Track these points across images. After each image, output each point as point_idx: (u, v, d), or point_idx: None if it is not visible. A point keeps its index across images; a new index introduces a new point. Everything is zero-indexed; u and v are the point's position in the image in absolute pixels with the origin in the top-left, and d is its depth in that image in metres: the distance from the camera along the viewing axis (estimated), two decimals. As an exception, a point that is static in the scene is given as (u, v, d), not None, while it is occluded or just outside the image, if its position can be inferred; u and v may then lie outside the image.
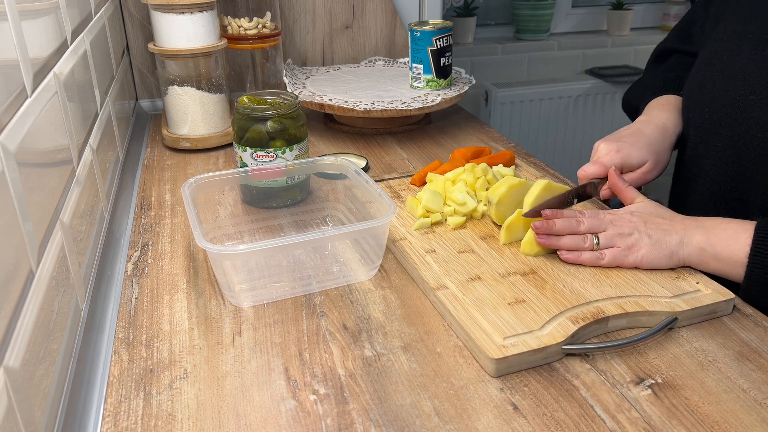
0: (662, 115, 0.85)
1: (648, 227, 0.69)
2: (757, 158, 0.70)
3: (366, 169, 1.01)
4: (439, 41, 1.13)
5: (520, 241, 0.74)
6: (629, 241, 0.68)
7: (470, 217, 0.82)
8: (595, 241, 0.69)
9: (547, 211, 0.71)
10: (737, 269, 0.64)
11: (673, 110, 0.85)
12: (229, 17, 1.20)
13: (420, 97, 1.13)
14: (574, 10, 2.48)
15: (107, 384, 0.57)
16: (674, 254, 0.67)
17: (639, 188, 0.80)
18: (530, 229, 0.72)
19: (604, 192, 0.80)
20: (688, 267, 0.70)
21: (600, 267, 0.69)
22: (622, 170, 0.79)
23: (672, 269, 0.69)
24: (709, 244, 0.66)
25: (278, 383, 0.57)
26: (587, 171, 0.79)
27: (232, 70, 1.26)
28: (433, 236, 0.78)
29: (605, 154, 0.79)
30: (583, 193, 0.78)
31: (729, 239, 0.65)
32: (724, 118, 0.73)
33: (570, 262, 0.70)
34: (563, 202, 0.75)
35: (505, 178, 0.80)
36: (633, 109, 0.97)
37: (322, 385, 0.57)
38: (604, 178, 0.79)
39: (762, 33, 0.72)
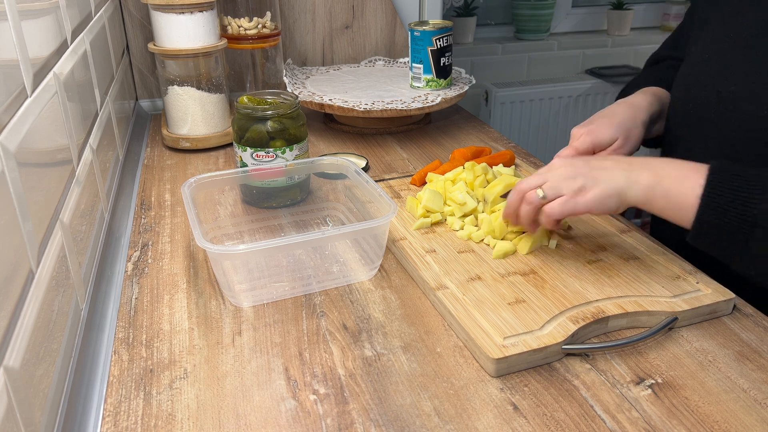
0: (637, 96, 0.85)
1: (592, 169, 0.66)
2: (743, 153, 0.70)
3: (366, 169, 1.01)
4: (439, 41, 1.13)
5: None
6: (574, 185, 0.66)
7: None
8: (540, 194, 0.67)
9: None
10: (686, 210, 0.62)
11: (650, 94, 0.86)
12: (229, 17, 1.20)
13: (420, 97, 1.13)
14: (574, 10, 2.48)
15: (107, 384, 0.57)
16: (621, 194, 0.64)
17: None
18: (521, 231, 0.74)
19: None
20: (688, 266, 0.70)
21: (554, 221, 0.68)
22: (595, 150, 0.80)
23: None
24: (658, 182, 0.63)
25: (278, 383, 0.57)
26: (561, 155, 0.79)
27: (232, 70, 1.26)
28: (433, 236, 0.78)
29: (577, 138, 0.80)
30: None
31: (680, 178, 0.62)
32: (711, 117, 0.74)
33: (512, 220, 0.72)
34: None
35: (501, 177, 0.80)
36: None
37: (322, 385, 0.57)
38: None
39: (748, 35, 0.72)
